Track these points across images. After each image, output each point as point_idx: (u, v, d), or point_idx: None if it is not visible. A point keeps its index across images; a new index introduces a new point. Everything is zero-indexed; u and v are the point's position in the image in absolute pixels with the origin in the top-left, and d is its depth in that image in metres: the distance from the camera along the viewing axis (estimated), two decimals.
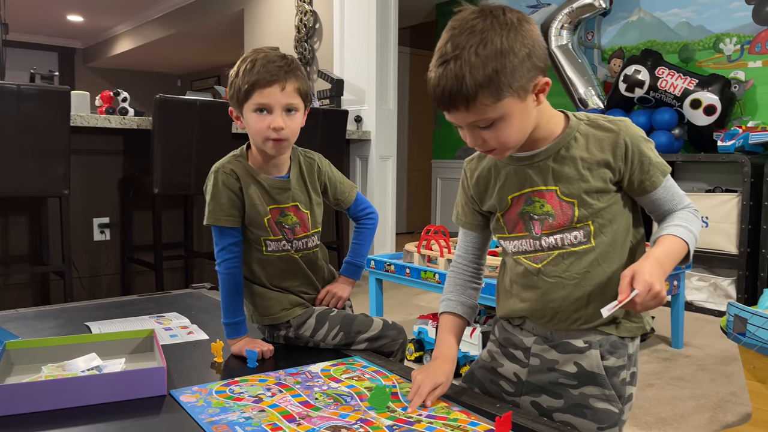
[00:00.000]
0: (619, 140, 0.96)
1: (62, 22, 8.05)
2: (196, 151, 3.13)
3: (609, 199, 0.97)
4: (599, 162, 0.96)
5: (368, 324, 1.32)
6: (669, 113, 3.68)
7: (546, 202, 0.98)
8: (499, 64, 0.86)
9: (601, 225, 0.97)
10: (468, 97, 0.86)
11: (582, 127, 0.98)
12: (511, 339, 1.09)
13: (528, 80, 0.89)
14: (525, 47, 0.88)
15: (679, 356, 2.62)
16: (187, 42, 7.57)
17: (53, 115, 2.76)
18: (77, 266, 3.31)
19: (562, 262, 0.98)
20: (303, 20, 4.86)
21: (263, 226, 1.30)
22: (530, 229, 1.00)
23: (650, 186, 0.98)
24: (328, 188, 1.41)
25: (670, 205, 1.00)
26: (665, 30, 4.01)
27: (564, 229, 0.97)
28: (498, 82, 0.86)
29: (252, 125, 1.25)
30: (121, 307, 1.59)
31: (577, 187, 0.96)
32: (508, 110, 0.89)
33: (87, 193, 3.34)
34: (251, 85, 1.23)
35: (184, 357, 1.22)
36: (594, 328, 1.00)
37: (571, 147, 0.96)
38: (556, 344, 1.03)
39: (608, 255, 0.98)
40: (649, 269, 0.88)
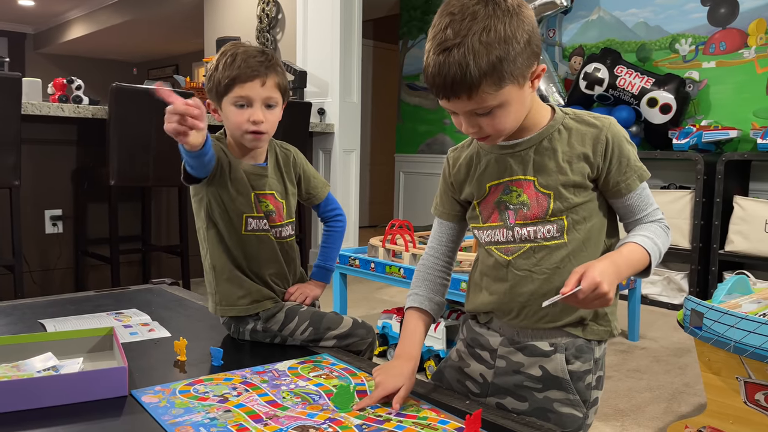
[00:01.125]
0: (601, 136, 0.96)
1: (12, 6, 7.73)
2: (154, 141, 3.05)
3: (585, 195, 0.97)
4: (579, 155, 0.96)
5: (338, 321, 1.31)
6: (627, 111, 3.76)
7: (523, 191, 0.97)
8: (503, 51, 0.84)
9: (575, 221, 0.97)
10: (471, 86, 0.85)
11: (566, 121, 0.98)
12: (478, 339, 1.08)
13: (527, 67, 0.89)
14: (526, 33, 0.87)
15: (635, 348, 2.69)
16: (144, 29, 7.37)
17: (3, 102, 2.64)
18: (28, 260, 3.19)
19: (533, 255, 0.98)
20: (265, 10, 4.78)
21: (249, 201, 1.31)
22: (505, 219, 0.99)
23: (625, 188, 0.97)
24: (302, 180, 1.43)
25: (641, 214, 0.99)
26: (623, 29, 4.09)
27: (538, 221, 0.97)
28: (501, 70, 0.85)
29: (231, 118, 1.27)
30: (76, 304, 1.54)
31: (555, 179, 0.96)
32: (508, 98, 0.88)
33: (38, 184, 3.21)
34: (232, 79, 1.24)
35: (145, 355, 1.19)
36: (560, 327, 0.99)
37: (553, 139, 0.96)
38: (522, 346, 1.02)
39: (580, 253, 0.97)
40: (602, 269, 0.87)
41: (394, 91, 5.76)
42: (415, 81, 5.46)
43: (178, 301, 1.61)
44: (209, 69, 1.30)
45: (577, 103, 4.00)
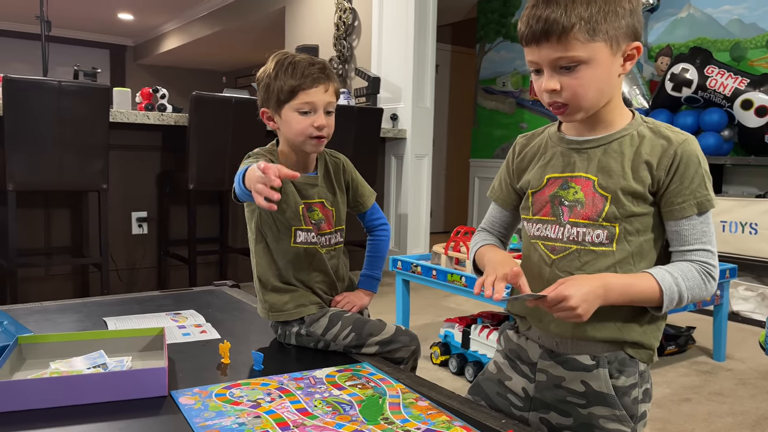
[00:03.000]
0: (670, 150, 0.91)
1: (114, 21, 8.28)
2: (231, 147, 3.16)
3: (643, 207, 0.92)
4: (644, 163, 0.91)
5: (380, 328, 1.30)
6: (718, 114, 3.52)
7: (580, 189, 0.94)
8: (604, 5, 0.85)
9: (627, 231, 0.92)
10: (565, 27, 0.84)
11: (642, 128, 0.94)
12: (518, 351, 1.04)
13: (623, 35, 0.87)
14: (630, 3, 0.87)
15: (720, 369, 2.50)
16: (232, 39, 7.68)
17: (93, 111, 2.83)
18: (115, 259, 3.40)
19: (577, 259, 0.94)
20: (342, 18, 4.86)
21: (297, 214, 1.32)
22: (558, 214, 0.96)
23: (678, 211, 0.91)
24: (350, 188, 1.44)
25: (687, 247, 0.91)
26: (716, 27, 3.83)
27: (589, 223, 0.93)
28: (597, 22, 0.85)
29: (294, 125, 1.29)
30: (141, 303, 1.61)
31: (615, 182, 0.92)
32: (597, 56, 0.86)
33: (126, 187, 3.41)
34: (296, 86, 1.26)
35: (192, 356, 1.22)
36: (602, 340, 0.94)
37: (624, 143, 0.93)
38: (562, 360, 0.97)
39: (626, 265, 0.92)
40: (582, 285, 0.85)
41: (471, 95, 5.69)
42: (491, 85, 5.37)
43: (235, 304, 1.65)
44: (264, 78, 1.32)
45: (662, 106, 3.79)
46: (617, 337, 0.94)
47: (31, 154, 2.69)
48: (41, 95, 2.69)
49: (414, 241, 4.23)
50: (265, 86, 1.31)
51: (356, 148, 3.49)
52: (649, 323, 0.95)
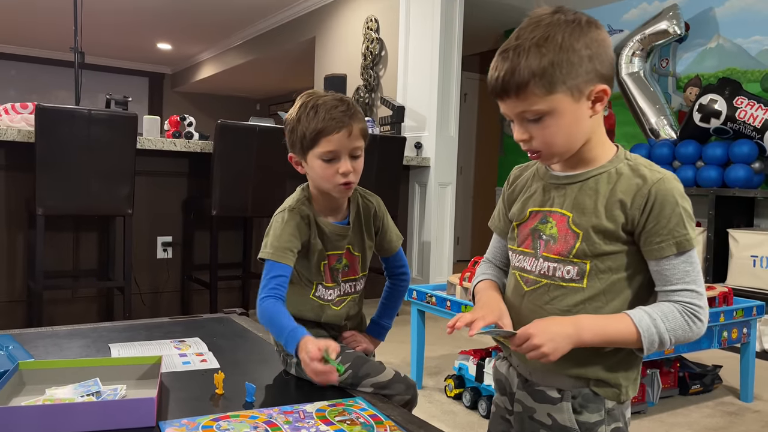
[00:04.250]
0: (644, 189, 0.90)
1: (153, 50, 8.57)
2: (254, 174, 3.22)
3: (616, 246, 0.91)
4: (617, 202, 0.91)
5: (379, 370, 1.28)
6: (748, 146, 3.45)
7: (556, 224, 0.95)
8: (557, 57, 0.85)
9: (598, 269, 0.91)
10: (519, 84, 0.86)
11: (621, 166, 0.93)
12: (503, 382, 1.07)
13: (585, 82, 0.87)
14: (588, 48, 0.87)
15: (747, 411, 2.41)
16: (265, 67, 7.87)
17: (121, 138, 2.92)
18: (140, 282, 3.46)
19: (546, 293, 0.95)
20: (370, 48, 4.93)
21: (319, 271, 1.31)
22: (536, 247, 0.97)
23: (657, 251, 0.89)
24: (379, 233, 1.40)
25: (669, 287, 0.90)
26: (746, 58, 3.77)
27: (560, 259, 0.93)
28: (552, 74, 0.85)
29: (319, 172, 1.25)
30: (149, 330, 1.63)
31: (587, 219, 0.92)
32: (559, 107, 0.87)
33: (153, 212, 3.49)
34: (318, 133, 1.21)
35: (187, 386, 1.23)
36: (569, 375, 0.95)
37: (600, 181, 0.93)
38: (533, 391, 0.99)
39: (597, 303, 0.92)
40: (549, 324, 0.86)
41: (498, 123, 5.68)
42: None
43: (241, 333, 1.66)
44: (289, 121, 1.28)
45: (691, 137, 3.73)
46: (580, 374, 0.94)
47: (61, 180, 2.78)
48: (72, 123, 2.78)
49: (437, 269, 4.21)
50: (290, 131, 1.27)
51: (379, 176, 3.51)
52: (618, 362, 0.94)
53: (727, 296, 2.43)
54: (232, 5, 6.21)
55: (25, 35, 7.83)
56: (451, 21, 4.26)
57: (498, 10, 4.85)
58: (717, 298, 2.39)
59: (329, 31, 5.62)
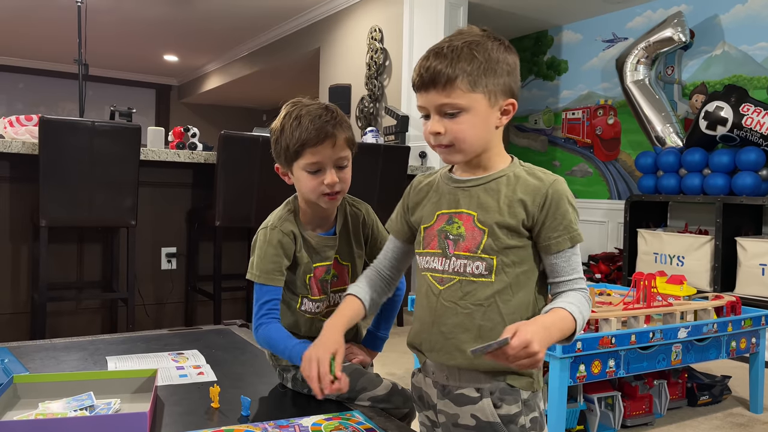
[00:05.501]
0: (542, 189, 0.99)
1: (160, 62, 8.63)
2: (258, 185, 3.21)
3: (519, 240, 0.99)
4: (518, 201, 0.99)
5: (376, 383, 1.26)
6: (755, 153, 3.41)
7: (463, 224, 1.01)
8: (485, 63, 0.96)
9: (504, 263, 0.99)
10: (449, 77, 0.95)
11: (518, 170, 1.02)
12: (422, 396, 1.08)
13: (501, 91, 0.98)
14: (508, 65, 0.98)
15: (757, 422, 2.36)
16: (270, 78, 7.90)
17: (124, 150, 2.92)
18: (144, 293, 3.45)
19: (460, 289, 1.00)
20: (374, 57, 4.94)
21: (304, 284, 1.31)
22: (444, 247, 1.03)
23: (555, 246, 0.98)
24: (369, 241, 1.39)
25: (565, 278, 1.00)
26: (752, 64, 3.74)
27: (469, 256, 1.00)
28: (478, 75, 0.95)
29: (304, 183, 1.24)
30: (147, 342, 1.62)
31: (492, 216, 0.99)
32: (476, 106, 0.96)
33: (157, 223, 3.49)
34: (301, 144, 1.20)
35: (183, 399, 1.22)
36: (485, 372, 0.99)
37: (501, 182, 1.01)
38: (453, 396, 1.02)
39: (506, 296, 0.99)
40: (534, 329, 0.88)
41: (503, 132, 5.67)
42: (523, 122, 5.34)
43: (240, 345, 1.64)
44: (274, 132, 1.27)
45: (697, 144, 3.70)
46: (495, 366, 0.97)
47: (64, 191, 2.78)
48: (75, 135, 2.79)
49: None
50: (275, 142, 1.27)
51: (382, 186, 3.49)
52: None
53: (735, 306, 2.39)
54: (237, 17, 6.24)
55: (33, 48, 7.90)
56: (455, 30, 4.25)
57: (502, 19, 4.85)
58: (725, 307, 2.35)
59: (333, 42, 5.64)
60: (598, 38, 4.68)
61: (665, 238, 3.71)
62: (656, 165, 3.89)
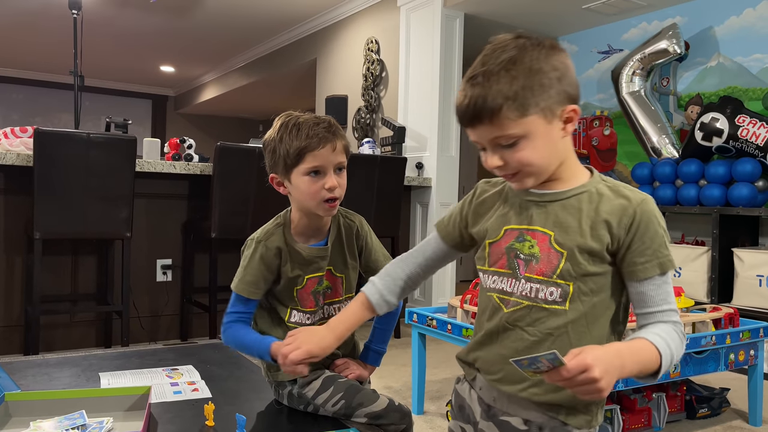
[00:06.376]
0: (629, 209, 0.89)
1: (156, 72, 8.63)
2: (254, 196, 3.20)
3: (600, 267, 0.90)
4: (602, 222, 0.89)
5: (372, 399, 1.25)
6: (751, 164, 3.42)
7: (536, 243, 0.92)
8: (528, 80, 0.85)
9: (582, 291, 0.89)
10: (493, 110, 0.85)
11: (600, 186, 0.93)
12: (463, 407, 1.02)
13: (556, 103, 0.87)
14: (556, 70, 0.87)
15: None
16: (267, 89, 7.90)
17: (120, 161, 2.91)
18: (139, 306, 3.43)
19: (529, 314, 0.91)
20: (370, 69, 4.95)
21: (292, 297, 1.30)
22: (514, 267, 0.94)
23: (642, 272, 0.88)
24: (363, 252, 1.39)
25: (655, 308, 0.89)
26: (747, 76, 3.76)
27: (543, 280, 0.90)
28: (524, 97, 0.85)
29: (305, 189, 1.25)
30: (141, 357, 1.60)
31: (572, 238, 0.90)
32: (533, 129, 0.87)
33: (153, 234, 3.47)
34: (302, 149, 1.22)
35: (177, 417, 1.20)
36: (537, 403, 0.91)
37: (582, 200, 0.92)
38: (498, 421, 0.95)
39: (578, 326, 0.90)
40: (599, 354, 0.78)
41: None
42: None
43: (236, 360, 1.63)
44: (269, 142, 1.28)
45: (693, 155, 3.70)
46: (552, 400, 0.90)
47: (59, 203, 2.77)
48: (71, 147, 2.78)
49: (439, 290, 4.17)
50: (272, 151, 1.27)
51: (379, 197, 3.49)
52: None
53: (733, 317, 2.38)
54: (234, 28, 6.25)
55: (29, 59, 7.90)
56: (452, 41, 4.27)
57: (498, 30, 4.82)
58: (723, 319, 2.34)
59: (330, 53, 5.65)
60: (593, 50, 4.70)
61: None
62: (652, 176, 3.89)
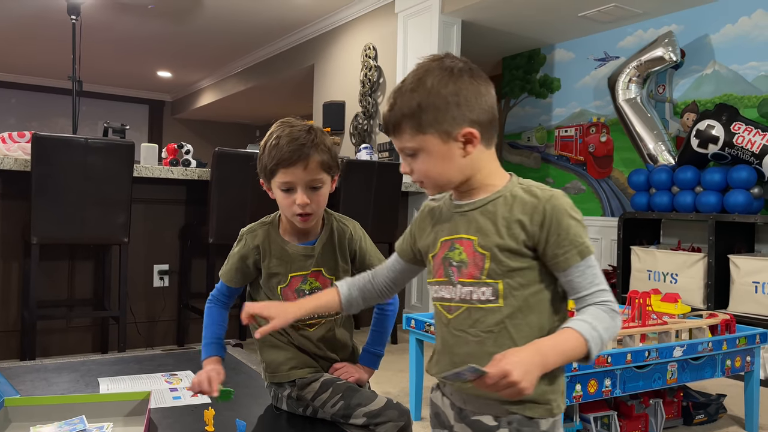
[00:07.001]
0: (539, 207, 0.96)
1: (153, 77, 8.63)
2: (251, 202, 3.20)
3: (523, 261, 0.96)
4: (516, 221, 0.97)
5: (371, 399, 1.26)
6: (747, 171, 3.44)
7: (464, 250, 1.00)
8: (425, 101, 0.94)
9: (511, 287, 0.96)
10: (395, 124, 0.97)
11: (515, 189, 1.00)
12: (439, 414, 1.07)
13: (452, 126, 0.94)
14: (456, 95, 0.94)
15: None
16: (264, 95, 7.91)
17: (117, 167, 2.91)
18: (136, 311, 3.42)
19: (468, 317, 0.98)
20: (368, 75, 4.96)
21: (276, 294, 1.32)
22: (450, 275, 1.01)
23: (564, 262, 0.94)
24: (357, 257, 1.41)
25: (584, 293, 0.95)
26: (742, 83, 3.78)
27: (474, 282, 0.98)
28: (420, 117, 0.94)
29: (279, 201, 1.31)
30: (140, 363, 1.60)
31: (491, 240, 0.97)
32: (429, 146, 0.96)
33: (150, 240, 3.47)
34: (276, 164, 1.27)
35: (177, 422, 1.20)
36: (501, 401, 0.95)
37: (497, 204, 0.99)
38: (470, 421, 1.00)
39: (516, 320, 0.96)
40: (519, 359, 0.85)
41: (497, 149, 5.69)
42: (516, 140, 5.37)
43: (234, 365, 1.63)
44: (260, 149, 1.32)
45: (689, 162, 3.72)
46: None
47: (56, 208, 2.76)
48: (68, 152, 2.78)
49: None
50: (259, 159, 1.32)
51: (377, 202, 3.49)
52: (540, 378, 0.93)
53: (729, 324, 2.39)
54: (231, 34, 6.26)
55: (26, 64, 7.89)
56: (449, 48, 4.29)
57: (495, 37, 4.89)
58: (719, 326, 2.35)
59: (328, 59, 5.66)
60: (590, 57, 4.72)
61: (658, 255, 3.72)
62: (649, 182, 3.91)
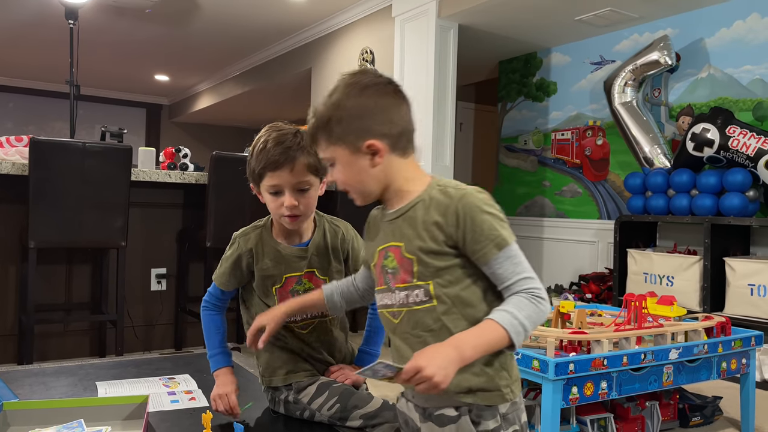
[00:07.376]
0: (451, 207, 1.00)
1: (150, 81, 8.64)
2: (249, 206, 3.20)
3: (447, 260, 1.00)
4: (433, 223, 1.00)
5: (367, 400, 1.27)
6: (742, 174, 3.45)
7: (394, 257, 1.04)
8: (332, 114, 1.01)
9: (441, 285, 1.00)
10: (311, 135, 1.04)
11: (433, 192, 1.03)
12: (407, 421, 1.08)
13: (356, 138, 1.00)
14: (360, 108, 1.00)
15: None
16: (262, 98, 7.92)
17: (115, 171, 2.92)
18: (133, 315, 3.42)
19: (410, 320, 1.02)
20: None
21: (270, 295, 1.33)
22: (387, 282, 1.05)
23: (483, 257, 0.98)
24: (350, 257, 1.42)
25: (507, 283, 0.99)
26: (737, 87, 3.81)
27: (408, 286, 1.01)
28: (329, 128, 1.01)
29: (268, 203, 1.33)
30: (138, 366, 1.60)
31: (414, 244, 1.01)
32: (338, 156, 1.02)
33: (147, 243, 3.47)
34: (263, 168, 1.30)
35: (175, 426, 1.20)
36: (457, 393, 0.99)
37: (417, 209, 1.02)
38: (435, 417, 1.02)
39: (452, 315, 0.99)
40: (433, 354, 0.89)
41: (494, 152, 5.71)
42: (513, 143, 5.39)
43: None
44: (249, 153, 1.35)
45: (684, 165, 3.74)
46: (460, 388, 0.98)
47: (54, 212, 2.77)
48: (66, 156, 2.79)
49: None
50: (247, 163, 1.35)
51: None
52: (485, 367, 0.99)
53: (725, 326, 2.40)
54: (228, 37, 6.27)
55: (24, 68, 7.89)
56: (446, 52, 4.30)
57: (492, 41, 4.91)
58: (715, 328, 2.36)
59: (325, 63, 5.68)
60: (586, 60, 4.74)
61: (654, 258, 3.74)
62: (645, 185, 3.93)
